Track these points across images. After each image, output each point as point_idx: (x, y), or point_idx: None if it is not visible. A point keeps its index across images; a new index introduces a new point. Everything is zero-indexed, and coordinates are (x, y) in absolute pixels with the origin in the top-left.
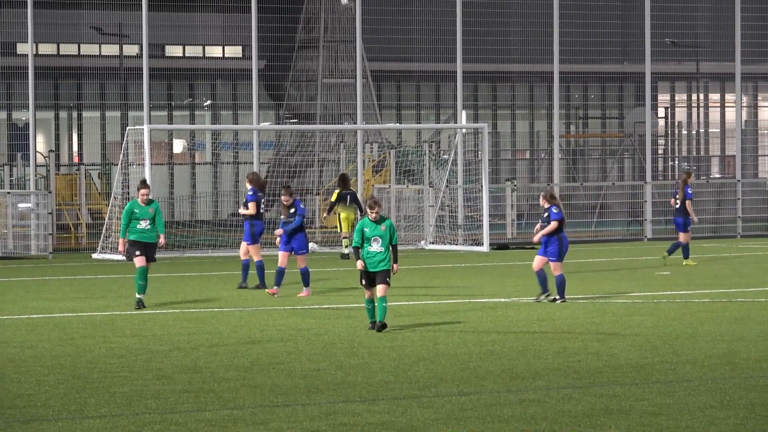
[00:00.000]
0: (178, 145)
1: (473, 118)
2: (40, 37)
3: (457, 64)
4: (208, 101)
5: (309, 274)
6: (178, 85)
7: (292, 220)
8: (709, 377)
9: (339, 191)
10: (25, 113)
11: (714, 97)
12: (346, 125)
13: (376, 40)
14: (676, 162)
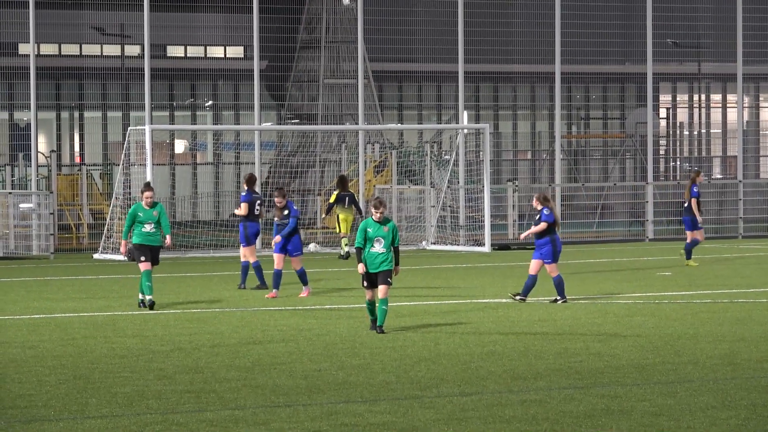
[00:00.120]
0: (180, 146)
1: (475, 118)
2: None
3: (459, 65)
4: (210, 101)
5: (306, 274)
6: (179, 86)
7: (286, 222)
8: (710, 378)
9: (338, 192)
10: (27, 113)
11: (716, 97)
12: (348, 126)
13: (378, 41)
14: (678, 163)
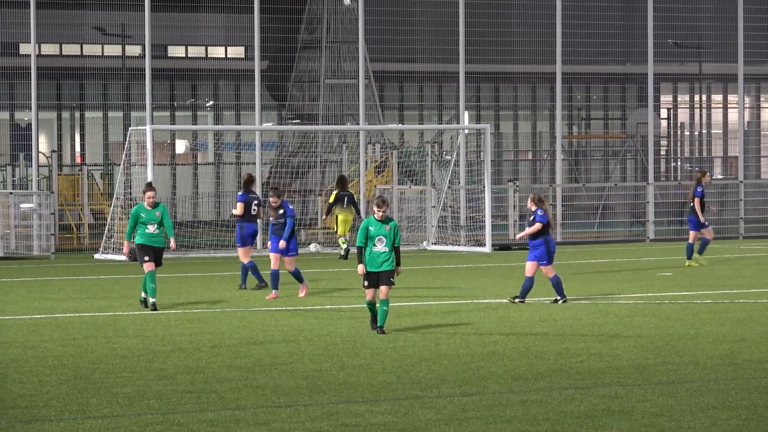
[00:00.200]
0: (181, 146)
1: (476, 118)
2: (42, 38)
3: (460, 65)
4: (211, 102)
5: (300, 273)
6: (180, 86)
7: (282, 221)
8: (711, 378)
9: (337, 192)
10: (28, 113)
11: (717, 98)
12: (349, 126)
13: (379, 41)
14: (679, 163)
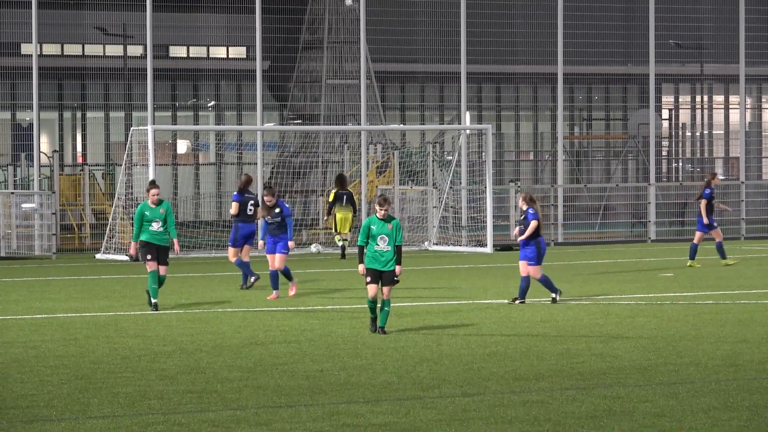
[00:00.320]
0: (182, 146)
1: (477, 119)
2: (44, 38)
3: (461, 65)
4: (212, 102)
5: (290, 271)
6: (182, 86)
7: (278, 220)
8: (712, 379)
9: (336, 191)
10: (29, 113)
11: (718, 98)
12: (350, 126)
13: (381, 41)
14: (680, 164)
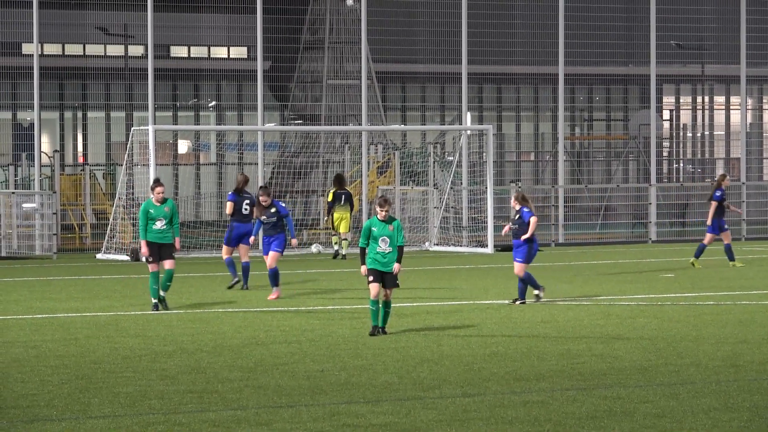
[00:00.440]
0: (183, 146)
1: (478, 119)
2: (45, 37)
3: (462, 66)
4: (213, 102)
5: (277, 275)
6: (183, 86)
7: (273, 220)
8: (713, 380)
9: (334, 191)
10: (30, 113)
11: (719, 99)
12: (351, 126)
13: (381, 42)
14: (681, 164)
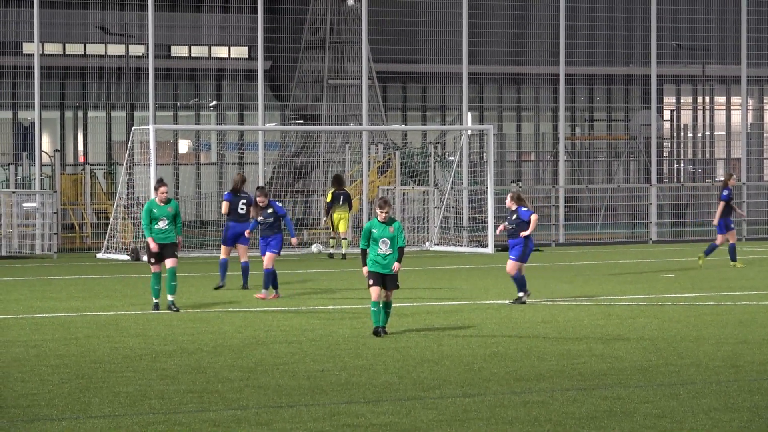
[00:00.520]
0: (184, 146)
1: (479, 119)
2: (46, 37)
3: (463, 66)
4: (214, 101)
5: (270, 277)
6: (183, 86)
7: (269, 220)
8: (713, 380)
9: (333, 191)
10: (31, 113)
11: (720, 99)
12: (352, 126)
13: (382, 42)
14: (682, 165)
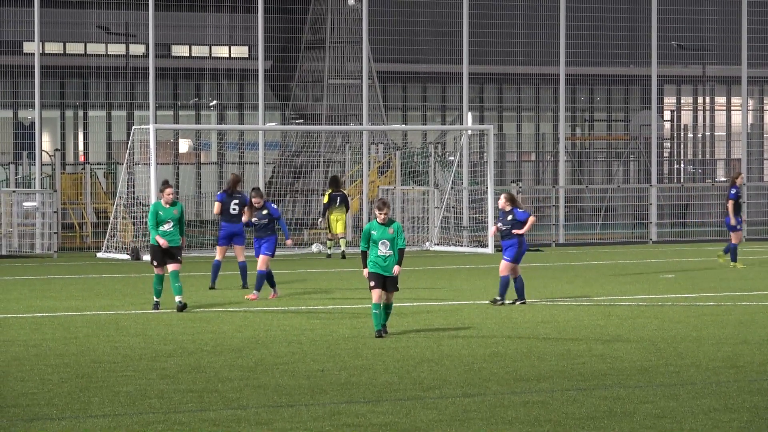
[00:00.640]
0: (184, 145)
1: (479, 119)
2: (46, 36)
3: (464, 66)
4: (214, 101)
5: (263, 278)
6: (184, 85)
7: (264, 222)
8: (713, 380)
9: (330, 192)
10: (31, 112)
11: (720, 100)
12: (352, 126)
13: (383, 41)
14: (682, 165)
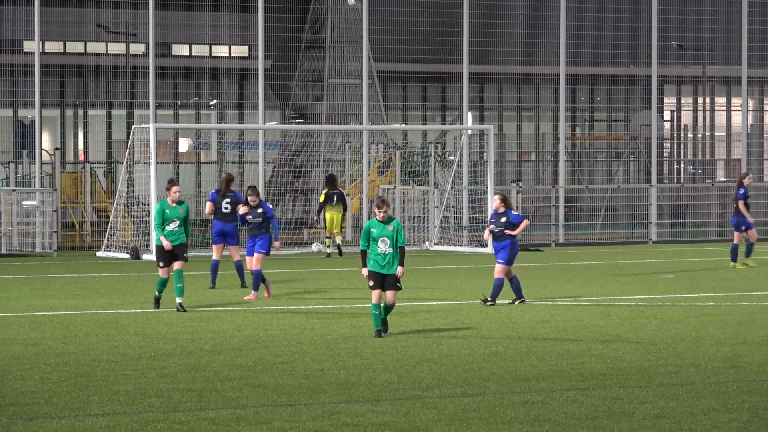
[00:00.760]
0: (184, 144)
1: (479, 119)
2: (46, 35)
3: (464, 66)
4: (214, 100)
5: (260, 278)
6: (184, 84)
7: (258, 220)
8: (712, 381)
9: (326, 191)
10: (31, 111)
11: (720, 100)
12: (352, 126)
13: (383, 41)
14: (682, 165)
